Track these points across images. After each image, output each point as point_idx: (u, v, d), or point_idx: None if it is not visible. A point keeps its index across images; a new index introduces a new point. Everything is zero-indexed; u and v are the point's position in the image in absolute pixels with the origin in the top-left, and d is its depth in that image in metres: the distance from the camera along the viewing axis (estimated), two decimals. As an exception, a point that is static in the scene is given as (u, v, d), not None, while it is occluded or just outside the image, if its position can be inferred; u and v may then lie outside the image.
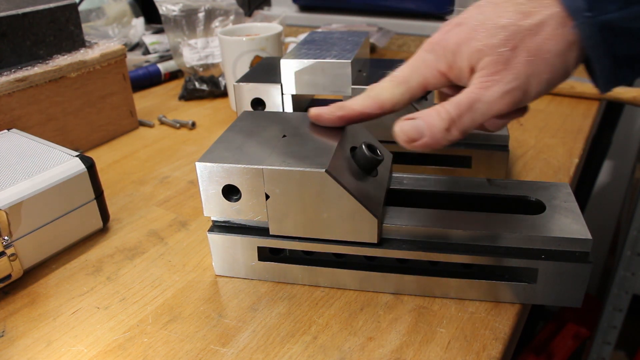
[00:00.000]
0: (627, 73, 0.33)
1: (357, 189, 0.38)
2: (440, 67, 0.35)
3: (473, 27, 0.34)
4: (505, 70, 0.33)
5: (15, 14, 0.60)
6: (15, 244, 0.43)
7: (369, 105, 0.38)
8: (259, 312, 0.40)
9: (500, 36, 0.32)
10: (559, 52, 0.32)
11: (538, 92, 0.33)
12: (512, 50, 0.32)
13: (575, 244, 0.38)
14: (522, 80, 0.33)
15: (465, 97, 0.34)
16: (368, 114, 0.39)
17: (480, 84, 0.33)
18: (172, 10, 0.88)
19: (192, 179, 0.61)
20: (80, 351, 0.38)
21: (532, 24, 0.32)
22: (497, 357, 0.36)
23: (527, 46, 0.32)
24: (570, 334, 1.26)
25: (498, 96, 0.33)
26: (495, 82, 0.33)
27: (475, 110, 0.34)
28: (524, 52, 0.32)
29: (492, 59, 0.33)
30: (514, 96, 0.33)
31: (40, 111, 0.62)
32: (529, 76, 0.33)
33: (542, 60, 0.32)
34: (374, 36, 0.98)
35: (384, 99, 0.38)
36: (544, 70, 0.33)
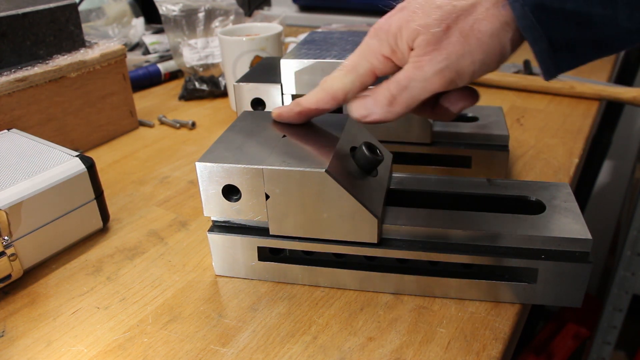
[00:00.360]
0: (567, 58, 0.32)
1: (357, 189, 0.38)
2: (384, 51, 0.36)
3: (413, 9, 0.34)
4: (436, 50, 0.33)
5: (15, 14, 0.60)
6: (15, 244, 0.43)
7: (322, 98, 0.39)
8: (259, 312, 0.40)
9: (435, 16, 0.33)
10: (492, 32, 0.32)
11: (472, 72, 0.33)
12: (445, 30, 0.33)
13: (575, 244, 0.38)
14: (452, 60, 0.33)
15: (402, 76, 0.35)
16: (323, 106, 0.40)
17: (414, 63, 0.34)
18: (172, 10, 0.88)
19: (192, 179, 0.61)
20: (80, 351, 0.38)
21: (466, 4, 0.32)
22: (497, 357, 0.36)
23: (459, 26, 0.33)
24: (570, 334, 1.26)
25: (430, 75, 0.34)
26: (427, 61, 0.33)
27: (412, 88, 0.35)
28: (457, 32, 0.33)
29: (424, 38, 0.33)
30: (445, 76, 0.34)
31: (40, 111, 0.62)
32: (460, 56, 0.33)
33: (475, 41, 0.32)
34: (374, 36, 0.98)
35: (336, 90, 0.38)
36: (476, 50, 0.33)
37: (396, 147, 0.54)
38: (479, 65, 0.33)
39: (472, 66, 0.33)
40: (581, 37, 0.31)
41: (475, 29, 0.32)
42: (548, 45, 0.32)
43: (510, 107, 0.76)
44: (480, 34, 0.32)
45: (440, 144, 0.54)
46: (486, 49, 0.32)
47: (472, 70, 0.33)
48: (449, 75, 0.34)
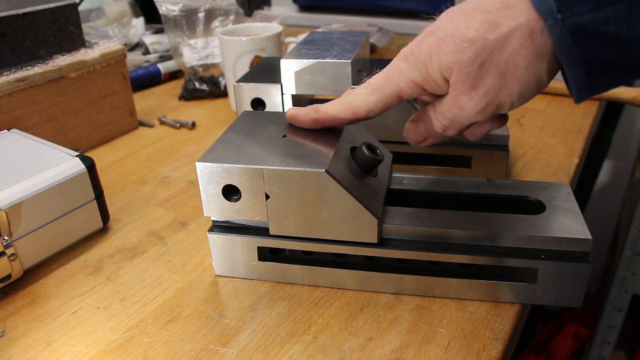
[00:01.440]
0: (600, 80, 0.32)
1: (357, 189, 0.38)
2: (415, 78, 0.36)
3: (442, 37, 0.33)
4: (473, 89, 0.33)
5: (15, 14, 0.60)
6: (15, 244, 0.43)
7: (342, 110, 0.39)
8: (259, 312, 0.40)
9: (468, 53, 0.32)
10: (527, 66, 0.32)
11: (511, 103, 0.34)
12: (480, 68, 0.32)
13: (575, 244, 0.38)
14: (491, 97, 0.33)
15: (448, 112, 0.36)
16: (341, 119, 0.39)
17: (454, 101, 0.35)
18: (172, 10, 0.88)
19: (192, 179, 0.61)
20: (80, 351, 0.38)
21: (499, 37, 0.32)
22: (497, 357, 0.36)
23: (494, 62, 0.32)
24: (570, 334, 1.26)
25: (473, 115, 0.34)
26: (467, 101, 0.34)
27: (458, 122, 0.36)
28: (492, 69, 0.32)
29: (461, 76, 0.33)
30: (487, 112, 0.34)
31: (40, 111, 0.62)
32: (497, 91, 0.33)
33: (511, 76, 0.32)
34: (374, 36, 0.98)
35: (358, 106, 0.38)
36: (513, 84, 0.33)
37: (396, 147, 0.54)
38: (517, 97, 0.33)
39: (510, 99, 0.33)
40: (618, 60, 0.31)
41: (509, 65, 0.32)
42: (584, 68, 0.31)
43: (510, 107, 0.76)
44: (515, 69, 0.32)
45: (441, 144, 0.54)
46: (522, 82, 0.32)
47: (511, 102, 0.34)
48: (490, 110, 0.34)
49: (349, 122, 0.40)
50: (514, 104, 0.34)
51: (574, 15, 0.29)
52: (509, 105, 0.34)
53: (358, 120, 0.39)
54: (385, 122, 0.53)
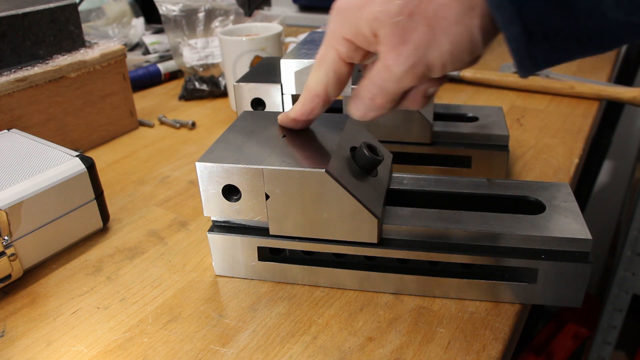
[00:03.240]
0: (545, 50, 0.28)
1: (357, 189, 0.38)
2: (345, 33, 0.33)
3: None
4: (401, 43, 0.30)
5: (15, 14, 0.60)
6: (15, 244, 0.43)
7: (306, 99, 0.37)
8: (259, 312, 0.40)
9: (397, 1, 0.30)
10: (457, 18, 0.29)
11: (442, 64, 0.31)
12: (409, 18, 0.30)
13: (575, 244, 0.38)
14: (420, 54, 0.30)
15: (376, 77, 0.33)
16: (310, 107, 0.38)
17: (382, 62, 0.32)
18: (172, 10, 0.88)
19: (192, 179, 0.61)
20: (80, 351, 0.38)
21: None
22: (497, 357, 0.36)
23: (423, 13, 0.29)
24: (570, 334, 1.26)
25: (400, 74, 0.32)
26: (394, 59, 0.31)
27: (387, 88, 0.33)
28: (421, 19, 0.29)
29: (389, 30, 0.30)
30: (415, 72, 0.31)
31: (40, 111, 0.62)
32: (427, 47, 0.30)
33: (440, 29, 0.29)
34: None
35: (313, 86, 0.37)
36: (443, 40, 0.29)
37: (396, 147, 0.54)
38: (448, 57, 0.30)
39: (441, 58, 0.30)
40: (562, 28, 0.27)
41: (439, 16, 0.29)
42: (522, 30, 0.28)
43: (510, 107, 0.76)
44: (445, 21, 0.29)
45: (440, 144, 0.54)
46: (453, 38, 0.29)
47: (442, 62, 0.30)
48: (419, 71, 0.31)
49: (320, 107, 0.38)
50: (446, 65, 0.31)
51: None
52: (439, 65, 0.31)
53: (326, 102, 0.37)
54: (385, 122, 0.53)
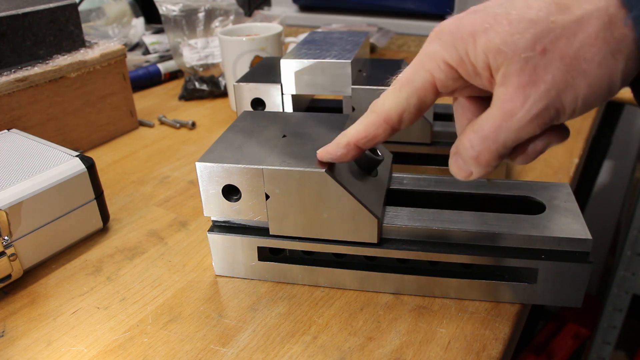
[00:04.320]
0: None
1: (357, 189, 0.38)
2: (448, 58, 0.28)
3: (493, 14, 0.27)
4: (532, 84, 0.26)
5: (15, 14, 0.60)
6: (15, 244, 0.43)
7: (372, 122, 0.32)
8: (259, 312, 0.40)
9: (528, 35, 0.25)
10: (601, 61, 0.25)
11: (572, 110, 0.27)
12: (542, 55, 0.26)
13: (575, 244, 0.38)
14: (552, 97, 0.26)
15: (487, 127, 0.28)
16: (374, 134, 0.32)
17: (501, 108, 0.27)
18: (172, 10, 0.88)
19: (192, 179, 0.61)
20: (80, 351, 0.38)
21: (569, 22, 0.25)
22: (497, 357, 0.36)
23: (561, 51, 0.25)
24: (570, 334, 1.26)
25: (525, 123, 0.27)
26: (520, 106, 0.26)
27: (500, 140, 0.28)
28: (557, 58, 0.25)
29: (516, 67, 0.26)
30: (544, 117, 0.27)
31: (40, 111, 0.62)
32: (561, 91, 0.26)
33: (579, 72, 0.25)
34: (374, 36, 0.98)
35: (388, 109, 0.31)
36: (581, 84, 0.26)
37: (396, 147, 0.54)
38: (582, 102, 0.26)
39: (574, 104, 0.26)
40: None
41: (580, 57, 0.25)
42: None
43: (510, 107, 0.76)
44: (586, 64, 0.25)
45: (440, 144, 0.54)
46: (592, 82, 0.25)
47: (573, 108, 0.26)
48: (547, 117, 0.26)
49: (385, 135, 0.32)
50: (576, 110, 0.27)
51: None
52: (570, 111, 0.27)
53: (394, 130, 0.32)
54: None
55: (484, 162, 0.29)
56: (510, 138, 0.28)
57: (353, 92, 0.52)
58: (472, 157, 0.29)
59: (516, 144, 0.28)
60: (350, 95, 0.52)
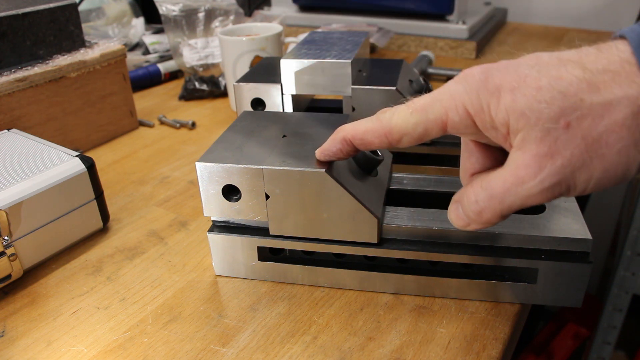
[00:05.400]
0: None
1: (357, 189, 0.38)
2: (468, 103, 0.28)
3: (524, 75, 0.26)
4: (550, 157, 0.26)
5: (15, 14, 0.60)
6: (15, 244, 0.43)
7: (373, 128, 0.32)
8: (259, 312, 0.40)
9: (555, 106, 0.25)
10: (622, 149, 0.25)
11: (583, 190, 0.26)
12: (565, 130, 0.25)
13: (575, 244, 0.38)
14: (567, 174, 0.26)
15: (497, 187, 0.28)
16: (370, 140, 0.33)
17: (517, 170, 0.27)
18: (172, 10, 0.88)
19: (192, 179, 0.61)
20: (80, 351, 0.38)
21: (598, 103, 0.25)
22: (497, 357, 0.36)
23: (584, 130, 0.25)
24: (570, 334, 1.26)
25: (537, 192, 0.27)
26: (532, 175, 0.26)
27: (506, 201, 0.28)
28: (579, 137, 0.25)
29: (537, 135, 0.26)
30: (554, 191, 0.26)
31: (40, 111, 0.62)
32: (576, 169, 0.26)
33: (598, 155, 0.25)
34: (374, 36, 0.98)
35: (394, 126, 0.31)
36: (597, 167, 0.25)
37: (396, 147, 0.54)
38: (594, 184, 0.26)
39: (586, 184, 0.26)
40: None
41: (602, 141, 0.25)
42: None
43: (510, 107, 0.76)
44: (607, 148, 0.25)
45: (440, 144, 0.54)
46: (608, 167, 0.25)
47: (584, 188, 0.26)
48: (557, 192, 0.26)
49: (379, 145, 0.33)
50: (586, 190, 0.26)
51: None
52: (580, 190, 0.26)
53: (389, 145, 0.32)
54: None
55: (485, 220, 0.29)
56: (516, 203, 0.28)
57: (353, 92, 0.52)
58: (475, 211, 0.29)
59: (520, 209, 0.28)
60: (350, 95, 0.52)
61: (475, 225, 0.30)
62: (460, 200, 0.31)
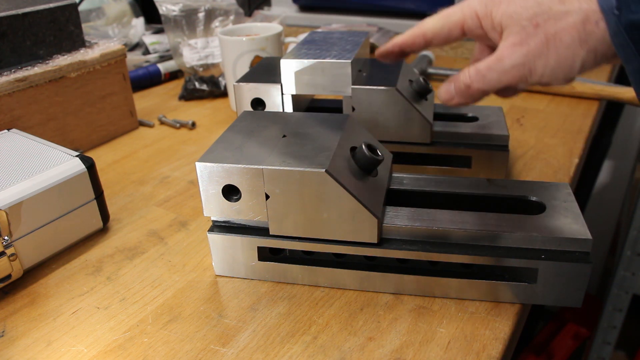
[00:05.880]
0: None
1: (357, 189, 0.38)
2: (479, 10, 0.39)
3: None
4: (520, 45, 0.36)
5: (15, 14, 0.60)
6: (15, 244, 0.43)
7: (414, 32, 0.43)
8: (259, 312, 0.40)
9: (531, 11, 0.35)
10: (569, 45, 0.34)
11: (541, 74, 0.36)
12: (534, 27, 0.35)
13: (575, 244, 0.38)
14: (530, 58, 0.36)
15: (483, 65, 0.38)
16: (412, 41, 0.43)
17: (498, 53, 0.37)
18: (172, 10, 0.88)
19: (192, 179, 0.61)
20: (80, 351, 0.38)
21: (560, 11, 0.35)
22: (497, 357, 0.36)
23: (546, 29, 0.35)
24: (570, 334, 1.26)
25: (508, 68, 0.36)
26: (508, 55, 0.36)
27: (488, 77, 0.38)
28: (542, 33, 0.35)
29: (515, 30, 0.36)
30: (520, 71, 0.36)
31: (40, 111, 0.62)
32: (537, 56, 0.35)
33: (553, 47, 0.35)
34: (374, 36, 0.98)
35: (426, 28, 0.42)
36: (551, 55, 0.35)
37: (396, 147, 0.54)
38: (550, 70, 0.35)
39: (544, 69, 0.36)
40: None
41: (557, 36, 0.34)
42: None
43: (510, 107, 0.76)
44: (559, 42, 0.35)
45: (440, 144, 0.54)
46: (559, 58, 0.35)
47: (542, 72, 0.36)
48: (522, 71, 0.36)
49: (420, 45, 0.43)
50: (543, 77, 0.36)
51: (630, 13, 0.32)
52: (539, 74, 0.36)
53: (427, 44, 0.42)
54: (385, 122, 0.53)
55: (471, 92, 0.39)
56: (494, 78, 0.37)
57: (353, 92, 0.52)
58: (465, 83, 0.39)
59: (496, 87, 0.38)
60: (350, 95, 0.52)
61: (457, 99, 0.40)
62: (453, 79, 0.40)
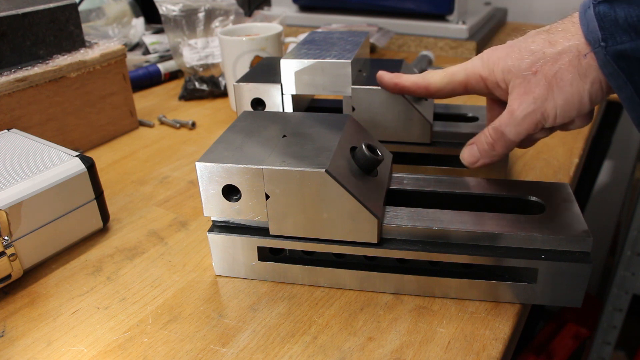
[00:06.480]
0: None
1: (357, 189, 0.38)
2: (482, 73, 0.42)
3: (511, 46, 0.40)
4: (526, 94, 0.38)
5: (15, 14, 0.60)
6: (15, 244, 0.43)
7: (418, 82, 0.46)
8: (259, 312, 0.40)
9: (527, 60, 0.38)
10: (572, 81, 0.36)
11: (555, 115, 0.38)
12: (534, 75, 0.38)
13: (575, 244, 0.38)
14: (538, 104, 0.38)
15: (498, 123, 0.40)
16: (415, 90, 0.47)
17: (509, 107, 0.39)
18: (172, 10, 0.88)
19: (192, 179, 0.61)
20: (80, 351, 0.38)
21: (554, 53, 0.37)
22: (497, 357, 0.36)
23: (546, 73, 0.37)
24: (570, 334, 1.26)
25: (521, 119, 0.39)
26: (517, 106, 0.39)
27: (507, 133, 0.40)
28: (543, 78, 0.37)
29: (518, 82, 0.39)
30: (533, 118, 0.38)
31: (40, 111, 0.62)
32: (544, 100, 0.37)
33: (557, 88, 0.37)
34: (374, 36, 0.98)
35: (431, 82, 0.45)
36: (558, 96, 0.37)
37: (396, 147, 0.54)
38: (560, 110, 0.38)
39: (554, 110, 0.38)
40: None
41: (557, 77, 0.37)
42: (633, 92, 0.34)
43: (510, 107, 0.76)
44: (561, 81, 0.37)
45: (440, 144, 0.54)
46: (566, 96, 0.37)
47: (555, 114, 0.38)
48: (535, 118, 0.38)
49: (421, 93, 0.47)
50: (557, 117, 0.38)
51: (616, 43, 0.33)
52: (552, 117, 0.38)
53: (428, 95, 0.46)
54: (385, 122, 0.53)
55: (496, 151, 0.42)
56: (512, 131, 0.40)
57: (353, 92, 0.52)
58: (489, 143, 0.42)
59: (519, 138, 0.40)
60: (350, 95, 0.52)
61: (483, 160, 0.43)
62: (475, 141, 0.43)
